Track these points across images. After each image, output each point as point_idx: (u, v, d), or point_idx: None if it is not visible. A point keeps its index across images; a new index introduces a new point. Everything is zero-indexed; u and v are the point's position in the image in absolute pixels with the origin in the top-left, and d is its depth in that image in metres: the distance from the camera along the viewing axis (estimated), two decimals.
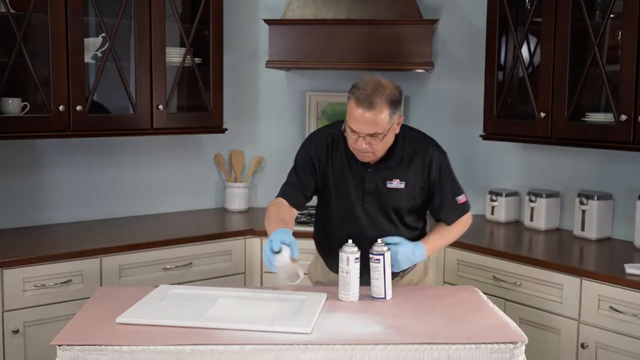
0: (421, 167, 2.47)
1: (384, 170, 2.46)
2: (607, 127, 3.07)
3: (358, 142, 2.34)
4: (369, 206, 2.49)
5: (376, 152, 2.39)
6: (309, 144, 2.58)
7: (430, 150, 2.49)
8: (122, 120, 3.45)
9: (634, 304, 2.69)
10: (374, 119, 2.29)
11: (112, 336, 1.97)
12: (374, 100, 2.28)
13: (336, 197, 2.51)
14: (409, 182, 2.47)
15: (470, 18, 3.91)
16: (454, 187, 2.55)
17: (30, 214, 3.49)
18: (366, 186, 2.47)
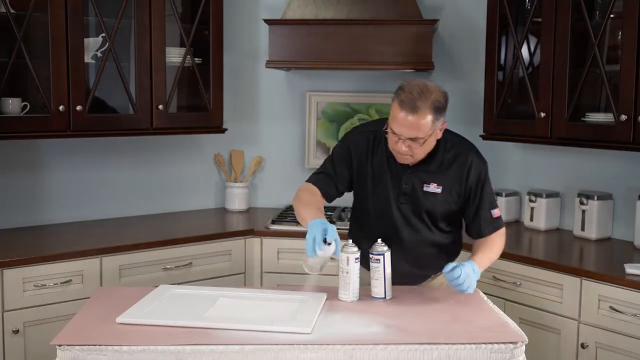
0: (459, 173, 2.43)
1: (422, 173, 2.43)
2: (607, 127, 3.07)
3: (398, 144, 2.32)
4: (403, 207, 2.47)
5: (415, 156, 2.36)
6: (349, 139, 2.55)
7: (471, 157, 2.45)
8: (122, 120, 3.45)
9: (634, 304, 2.69)
10: (416, 124, 2.26)
11: (112, 336, 1.97)
12: (418, 104, 2.24)
13: (374, 195, 2.50)
14: (446, 188, 2.43)
15: (470, 18, 3.91)
16: (491, 199, 2.50)
17: (30, 214, 3.49)
18: (402, 187, 2.45)
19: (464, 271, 2.25)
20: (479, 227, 2.49)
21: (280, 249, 3.50)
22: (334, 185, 2.53)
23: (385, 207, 2.48)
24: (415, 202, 2.46)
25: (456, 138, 2.50)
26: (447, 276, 2.27)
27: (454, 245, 2.60)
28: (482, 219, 2.48)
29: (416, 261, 2.53)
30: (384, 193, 2.47)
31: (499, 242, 2.52)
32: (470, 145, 2.51)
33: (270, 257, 3.51)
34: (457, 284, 2.25)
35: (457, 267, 2.25)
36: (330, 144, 4.08)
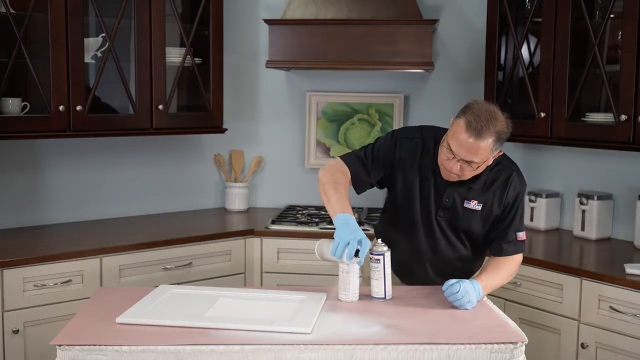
0: (500, 192, 2.40)
1: (464, 189, 2.40)
2: (607, 127, 3.07)
3: (451, 162, 2.29)
4: (441, 220, 2.44)
5: (463, 177, 2.34)
6: (399, 138, 2.48)
7: (512, 176, 2.42)
8: (122, 120, 3.45)
9: (634, 304, 2.69)
10: (476, 148, 2.23)
11: (112, 336, 1.97)
12: (484, 131, 2.21)
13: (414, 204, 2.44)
14: (486, 206, 2.41)
15: (470, 18, 3.91)
16: (520, 221, 2.46)
17: (30, 214, 3.49)
18: (444, 201, 2.42)
19: (463, 287, 2.23)
20: (500, 245, 2.44)
21: (280, 249, 3.50)
22: (366, 174, 2.47)
23: (424, 218, 2.45)
24: (453, 217, 2.43)
25: (501, 157, 2.43)
26: (446, 292, 2.26)
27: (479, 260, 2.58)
28: (507, 238, 2.43)
29: (441, 271, 2.51)
30: (425, 204, 2.44)
31: (510, 268, 2.45)
32: (514, 164, 2.47)
33: (270, 257, 3.51)
34: (456, 299, 2.23)
35: (457, 282, 2.25)
36: (330, 144, 4.09)
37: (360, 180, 2.49)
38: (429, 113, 4.03)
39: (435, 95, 4.02)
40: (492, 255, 2.49)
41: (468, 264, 2.54)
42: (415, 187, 2.44)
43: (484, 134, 2.21)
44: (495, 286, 2.43)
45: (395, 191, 2.50)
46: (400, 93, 4.04)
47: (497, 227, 2.44)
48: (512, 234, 2.43)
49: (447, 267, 2.51)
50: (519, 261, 2.48)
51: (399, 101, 4.03)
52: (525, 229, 2.48)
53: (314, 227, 3.54)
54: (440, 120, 3.98)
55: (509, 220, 2.43)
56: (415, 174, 2.44)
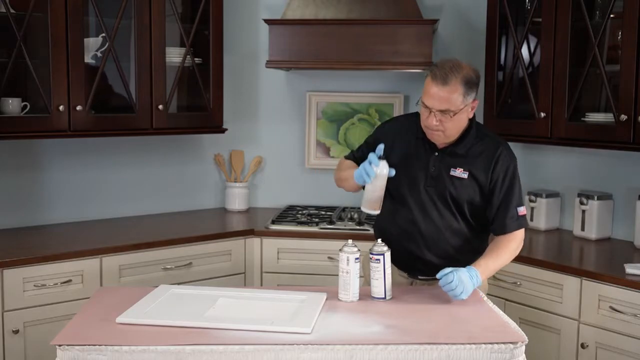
0: (486, 163, 2.45)
1: (449, 157, 2.47)
2: (607, 127, 3.07)
3: (429, 118, 2.37)
4: (430, 190, 2.49)
5: (446, 131, 2.40)
6: (384, 125, 2.72)
7: (500, 149, 2.47)
8: (122, 120, 3.44)
9: (634, 304, 2.69)
10: (447, 96, 2.32)
11: (112, 336, 1.97)
12: (449, 77, 2.32)
13: (402, 176, 2.49)
14: (472, 174, 2.46)
15: (470, 18, 3.91)
16: (518, 197, 2.48)
17: (30, 214, 3.49)
18: (430, 170, 2.48)
19: (458, 276, 2.25)
20: (502, 222, 2.46)
21: (280, 249, 3.50)
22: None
23: (413, 188, 2.51)
24: (440, 185, 2.48)
25: (490, 132, 2.58)
26: (440, 281, 2.27)
27: (481, 243, 2.55)
28: (507, 215, 2.45)
29: (440, 251, 2.50)
30: (412, 175, 2.50)
31: (511, 246, 2.46)
32: (502, 140, 2.54)
33: (270, 257, 3.51)
34: (450, 289, 2.25)
35: (452, 272, 2.26)
36: (330, 144, 4.09)
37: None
38: None
39: None
40: (495, 235, 2.50)
41: (465, 243, 2.51)
42: (400, 159, 2.50)
43: (450, 80, 2.32)
44: (496, 269, 2.45)
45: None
46: (400, 93, 4.04)
47: (494, 204, 2.46)
48: (512, 209, 2.45)
49: (444, 244, 2.49)
50: (521, 238, 2.49)
51: (399, 101, 4.03)
52: (524, 204, 2.50)
53: (314, 227, 3.54)
54: None
55: (504, 196, 2.44)
56: (401, 147, 2.53)
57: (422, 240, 2.50)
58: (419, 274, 2.58)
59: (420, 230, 2.49)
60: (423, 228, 2.49)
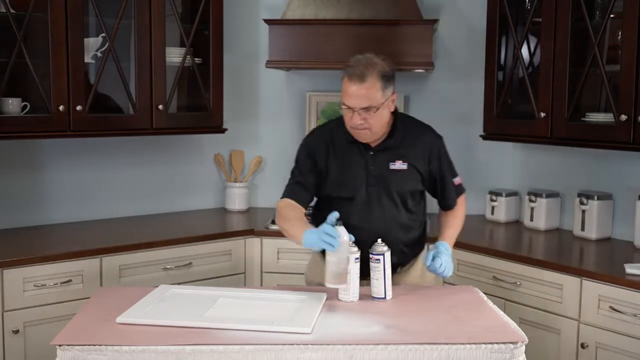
0: (421, 151, 2.55)
1: (385, 152, 2.51)
2: (607, 127, 3.07)
3: (353, 118, 2.40)
4: (373, 189, 2.52)
5: (372, 128, 2.43)
6: (307, 143, 2.64)
7: (430, 135, 2.60)
8: (122, 120, 3.45)
9: (634, 304, 2.69)
10: (366, 93, 2.36)
11: (112, 336, 1.97)
12: (365, 74, 2.35)
13: (343, 183, 2.52)
14: (410, 165, 2.53)
15: (470, 18, 3.91)
16: (452, 170, 2.65)
17: (30, 214, 3.49)
18: (370, 169, 2.51)
19: (444, 260, 2.44)
20: (448, 197, 2.64)
21: (280, 249, 3.50)
22: (306, 191, 2.57)
23: (356, 192, 2.52)
24: (383, 182, 2.52)
25: (412, 119, 2.67)
26: (430, 268, 2.45)
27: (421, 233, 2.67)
28: (449, 190, 2.63)
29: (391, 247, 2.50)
30: (354, 179, 2.52)
31: (461, 213, 2.68)
32: (427, 125, 2.66)
33: (270, 257, 3.51)
34: (440, 272, 2.44)
35: (436, 257, 2.44)
36: None
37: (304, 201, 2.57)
38: (428, 113, 4.01)
39: (435, 95, 4.02)
40: (445, 210, 2.68)
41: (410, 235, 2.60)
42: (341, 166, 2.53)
43: (367, 77, 2.35)
44: (457, 234, 2.67)
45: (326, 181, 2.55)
46: (400, 93, 4.03)
47: (437, 186, 2.61)
48: (451, 184, 2.63)
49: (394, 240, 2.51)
50: (463, 201, 2.71)
51: (399, 101, 4.03)
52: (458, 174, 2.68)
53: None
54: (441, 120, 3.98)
55: (443, 175, 2.60)
56: (336, 154, 2.54)
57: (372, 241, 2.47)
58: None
59: (369, 231, 2.48)
60: (371, 228, 2.50)
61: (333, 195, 2.55)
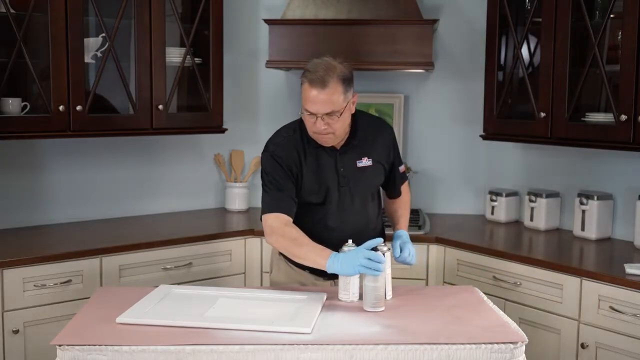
0: (383, 144, 2.59)
1: (352, 151, 2.54)
2: (607, 127, 3.07)
3: (316, 124, 2.39)
4: (345, 189, 2.53)
5: (336, 132, 2.43)
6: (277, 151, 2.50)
7: (387, 129, 2.65)
8: (122, 120, 3.45)
9: (634, 304, 2.69)
10: (329, 98, 2.34)
11: (112, 336, 1.97)
12: (326, 79, 2.34)
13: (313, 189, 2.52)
14: (375, 160, 2.56)
15: (470, 18, 3.91)
16: (399, 158, 2.71)
17: (30, 214, 3.49)
18: (340, 171, 2.52)
19: (409, 247, 2.51)
20: (397, 185, 2.71)
21: None
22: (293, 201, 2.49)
23: (329, 194, 2.53)
24: (354, 181, 2.54)
25: (369, 116, 2.70)
26: (399, 259, 2.50)
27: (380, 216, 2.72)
28: (398, 178, 2.70)
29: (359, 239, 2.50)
30: (325, 181, 2.52)
31: (408, 196, 2.78)
32: (381, 119, 2.75)
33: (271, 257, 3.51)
34: (409, 261, 2.51)
35: (404, 247, 2.51)
36: None
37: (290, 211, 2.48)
38: (429, 113, 4.03)
39: (435, 95, 4.02)
40: (393, 198, 2.74)
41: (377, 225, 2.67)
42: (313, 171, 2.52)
43: (328, 82, 2.33)
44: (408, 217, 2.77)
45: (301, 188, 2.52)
46: (400, 93, 4.04)
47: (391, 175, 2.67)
48: (399, 172, 2.69)
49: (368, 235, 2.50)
50: (407, 186, 2.79)
51: (399, 101, 4.02)
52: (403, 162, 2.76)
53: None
54: (441, 120, 4.01)
55: (395, 163, 2.67)
56: (307, 162, 2.52)
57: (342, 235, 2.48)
58: None
59: (344, 232, 2.50)
60: (346, 229, 2.52)
61: (307, 199, 2.52)
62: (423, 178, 4.03)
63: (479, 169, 4.00)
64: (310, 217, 2.54)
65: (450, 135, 4.02)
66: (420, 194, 4.04)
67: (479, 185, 3.99)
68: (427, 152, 4.05)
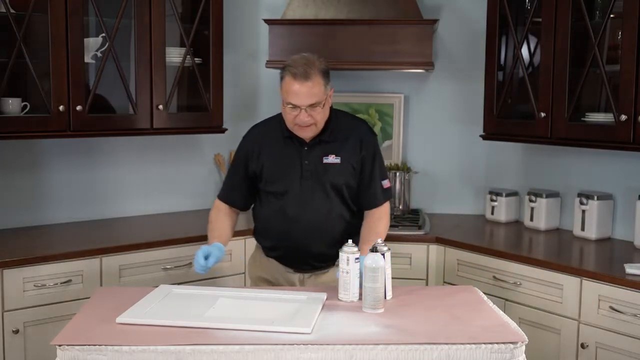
0: (353, 144, 2.59)
1: (319, 147, 2.57)
2: (607, 127, 3.07)
3: (300, 116, 2.45)
4: (307, 183, 2.56)
5: (318, 123, 2.50)
6: (242, 143, 2.70)
7: (363, 129, 2.65)
8: (122, 120, 3.44)
9: (634, 304, 2.69)
10: (312, 91, 2.43)
11: (112, 336, 1.97)
12: (309, 72, 2.43)
13: (278, 179, 2.59)
14: (344, 158, 2.58)
15: (470, 18, 3.91)
16: (382, 170, 2.68)
17: (30, 214, 3.49)
18: (304, 164, 2.55)
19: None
20: (373, 195, 2.63)
21: None
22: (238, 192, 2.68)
23: (290, 185, 2.57)
24: (317, 176, 2.57)
25: (347, 115, 2.75)
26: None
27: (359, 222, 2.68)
28: (375, 189, 2.63)
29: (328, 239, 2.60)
30: (288, 172, 2.57)
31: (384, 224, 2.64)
32: (362, 120, 2.75)
33: None
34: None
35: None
36: None
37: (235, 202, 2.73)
38: (429, 113, 4.03)
39: (435, 95, 4.02)
40: (367, 209, 2.65)
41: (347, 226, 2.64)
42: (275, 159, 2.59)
43: (311, 75, 2.43)
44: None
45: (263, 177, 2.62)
46: (400, 93, 4.04)
47: (364, 181, 2.62)
48: (379, 182, 2.63)
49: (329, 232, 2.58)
50: (388, 212, 2.68)
51: (399, 101, 4.03)
52: (388, 177, 2.69)
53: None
54: (441, 120, 4.01)
55: (371, 170, 2.62)
56: (271, 148, 2.61)
57: (308, 233, 2.58)
58: (310, 267, 2.66)
59: (304, 223, 2.57)
60: (307, 221, 2.57)
61: (269, 189, 2.62)
62: (423, 178, 4.03)
63: (479, 169, 4.00)
64: (271, 207, 2.62)
65: (450, 135, 4.02)
66: (420, 194, 4.04)
67: (479, 185, 3.99)
68: (427, 152, 4.05)
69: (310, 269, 2.68)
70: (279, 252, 2.68)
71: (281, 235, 2.62)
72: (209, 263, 2.43)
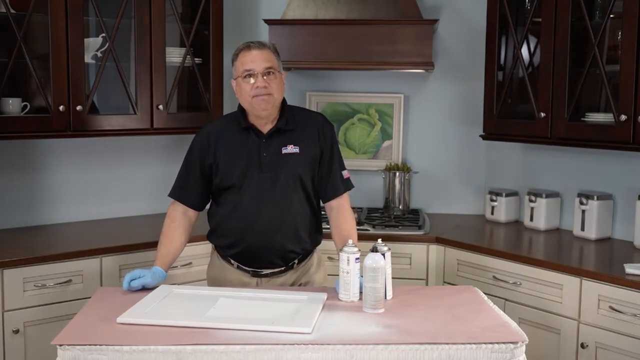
0: (311, 134, 2.58)
1: (277, 138, 2.54)
2: (607, 127, 3.07)
3: (256, 82, 2.46)
4: (265, 176, 2.53)
5: (274, 94, 2.48)
6: (194, 142, 2.64)
7: (320, 119, 2.65)
8: (122, 120, 3.44)
9: (634, 304, 2.69)
10: (267, 57, 2.48)
11: (113, 336, 1.97)
12: (262, 43, 2.53)
13: (230, 174, 2.54)
14: (303, 148, 2.55)
15: (470, 18, 3.91)
16: (341, 161, 2.67)
17: (30, 214, 3.49)
18: (262, 156, 2.52)
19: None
20: (334, 185, 2.61)
21: None
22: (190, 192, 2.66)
23: (247, 179, 2.53)
24: (275, 168, 2.53)
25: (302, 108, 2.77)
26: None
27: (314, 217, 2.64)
28: (336, 178, 2.62)
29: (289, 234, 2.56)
30: (244, 165, 2.53)
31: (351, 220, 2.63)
32: (319, 113, 2.77)
33: None
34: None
35: None
36: None
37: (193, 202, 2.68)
38: (429, 113, 4.03)
39: (435, 95, 4.02)
40: (327, 200, 2.62)
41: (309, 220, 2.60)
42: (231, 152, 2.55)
43: (264, 45, 2.52)
44: None
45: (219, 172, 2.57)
46: (400, 93, 4.04)
47: (323, 171, 2.60)
48: (338, 173, 2.62)
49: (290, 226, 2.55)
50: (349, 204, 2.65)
51: (399, 101, 4.03)
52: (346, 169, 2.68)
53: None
54: (441, 120, 4.01)
55: (329, 160, 2.61)
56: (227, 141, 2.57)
57: (267, 229, 2.52)
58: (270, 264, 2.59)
59: (263, 219, 2.52)
60: (266, 215, 2.52)
61: (225, 185, 2.57)
62: (423, 178, 4.03)
63: (479, 169, 4.00)
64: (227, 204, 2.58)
65: (450, 136, 4.02)
66: (420, 194, 4.04)
67: (479, 185, 4.00)
68: (427, 152, 4.05)
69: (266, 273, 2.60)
70: (237, 249, 2.59)
71: (239, 232, 2.55)
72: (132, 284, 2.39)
